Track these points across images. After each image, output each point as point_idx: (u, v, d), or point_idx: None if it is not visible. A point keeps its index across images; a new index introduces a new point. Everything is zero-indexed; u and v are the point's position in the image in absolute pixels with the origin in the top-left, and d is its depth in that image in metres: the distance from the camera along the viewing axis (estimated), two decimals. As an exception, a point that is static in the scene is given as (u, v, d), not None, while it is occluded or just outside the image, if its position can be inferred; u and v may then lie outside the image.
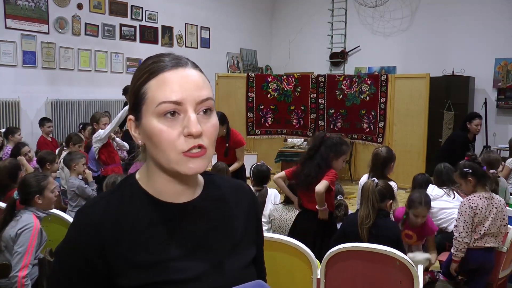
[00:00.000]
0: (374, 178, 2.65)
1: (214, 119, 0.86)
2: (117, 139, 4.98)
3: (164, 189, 0.88)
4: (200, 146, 0.82)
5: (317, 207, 2.89)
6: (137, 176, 0.92)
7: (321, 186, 2.83)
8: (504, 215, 2.86)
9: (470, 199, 2.88)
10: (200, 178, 0.95)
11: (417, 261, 2.96)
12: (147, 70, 0.85)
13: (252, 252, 0.97)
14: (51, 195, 2.54)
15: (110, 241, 0.83)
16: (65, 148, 4.97)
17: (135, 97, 0.86)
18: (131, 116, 0.88)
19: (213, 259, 0.88)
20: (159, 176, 0.87)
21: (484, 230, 2.81)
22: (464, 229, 2.82)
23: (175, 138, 0.81)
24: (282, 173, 3.20)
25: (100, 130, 4.69)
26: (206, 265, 0.87)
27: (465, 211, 2.84)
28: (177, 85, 0.81)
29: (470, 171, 2.93)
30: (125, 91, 5.90)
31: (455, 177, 3.09)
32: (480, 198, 2.86)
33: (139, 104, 0.84)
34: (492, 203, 2.85)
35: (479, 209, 2.82)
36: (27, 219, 2.38)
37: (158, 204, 0.88)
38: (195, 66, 0.87)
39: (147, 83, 0.83)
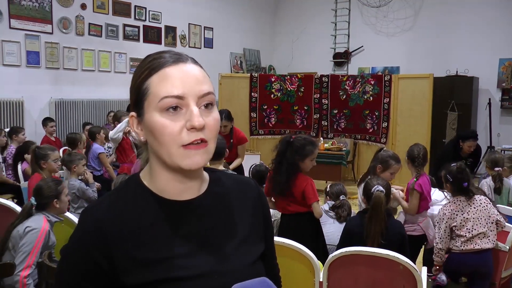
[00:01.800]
0: (380, 187, 2.59)
1: (215, 113, 0.86)
2: (133, 133, 4.92)
3: (167, 186, 0.88)
4: (202, 140, 0.82)
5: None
6: (141, 174, 0.93)
7: (318, 210, 2.88)
8: (488, 212, 2.81)
9: (443, 207, 2.91)
10: (206, 175, 0.95)
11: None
12: (148, 67, 0.85)
13: (259, 248, 0.96)
14: (66, 198, 2.62)
15: (115, 240, 0.83)
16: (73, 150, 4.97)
17: (137, 94, 0.87)
18: (133, 113, 0.89)
19: (218, 256, 0.88)
20: (162, 174, 0.88)
21: (468, 231, 2.77)
22: (438, 235, 2.85)
23: (177, 132, 0.81)
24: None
25: (111, 132, 4.70)
26: (211, 262, 0.87)
27: (440, 219, 2.87)
28: (178, 80, 0.82)
29: (451, 180, 2.90)
30: None
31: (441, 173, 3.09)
32: (454, 202, 2.86)
33: (141, 100, 0.85)
34: (469, 204, 2.82)
35: (454, 213, 2.82)
36: (37, 219, 2.42)
37: (162, 202, 0.88)
38: (195, 62, 0.88)
39: (149, 79, 0.84)
